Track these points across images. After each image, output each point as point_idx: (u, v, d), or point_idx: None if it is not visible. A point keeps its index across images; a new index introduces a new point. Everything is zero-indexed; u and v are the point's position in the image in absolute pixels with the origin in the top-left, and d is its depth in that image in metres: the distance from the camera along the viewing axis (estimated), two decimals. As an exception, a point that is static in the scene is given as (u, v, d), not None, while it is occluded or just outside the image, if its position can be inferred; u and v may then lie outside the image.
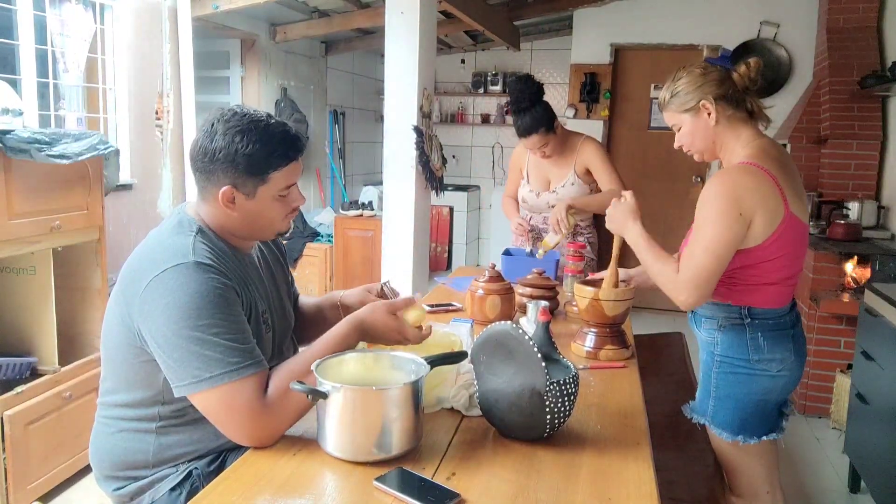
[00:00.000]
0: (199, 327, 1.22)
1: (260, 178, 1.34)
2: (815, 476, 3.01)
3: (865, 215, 3.85)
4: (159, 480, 1.38)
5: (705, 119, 1.68)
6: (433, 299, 2.41)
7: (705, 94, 1.67)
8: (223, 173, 1.33)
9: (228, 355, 1.22)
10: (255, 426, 1.23)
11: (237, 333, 1.25)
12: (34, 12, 2.94)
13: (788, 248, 1.63)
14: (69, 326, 2.67)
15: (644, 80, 5.53)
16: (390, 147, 3.67)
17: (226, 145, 1.31)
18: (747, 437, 1.71)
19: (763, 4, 5.02)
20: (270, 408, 1.24)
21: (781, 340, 1.69)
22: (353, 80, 6.40)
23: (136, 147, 3.59)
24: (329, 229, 5.32)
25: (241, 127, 1.32)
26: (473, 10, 4.43)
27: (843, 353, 3.52)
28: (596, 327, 1.86)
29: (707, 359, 1.77)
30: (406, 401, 1.21)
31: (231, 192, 1.34)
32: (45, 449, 2.46)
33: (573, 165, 2.79)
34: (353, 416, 1.19)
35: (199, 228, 1.37)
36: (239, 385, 1.22)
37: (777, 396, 1.74)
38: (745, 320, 1.68)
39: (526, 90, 2.65)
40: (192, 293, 1.23)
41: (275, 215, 1.40)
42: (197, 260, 1.27)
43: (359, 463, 1.20)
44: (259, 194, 1.35)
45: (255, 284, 1.45)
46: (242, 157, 1.31)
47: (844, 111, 4.10)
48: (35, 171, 2.36)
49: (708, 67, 1.71)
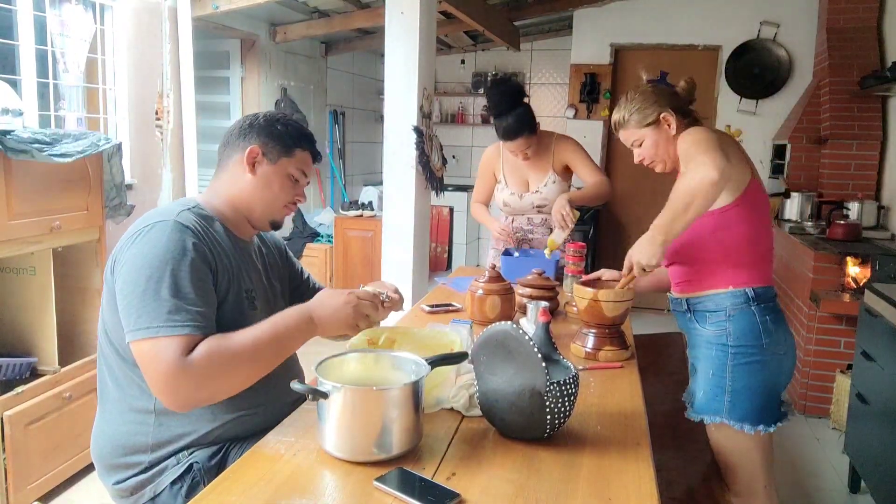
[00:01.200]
0: (155, 279, 1.27)
1: (287, 149, 1.49)
2: (815, 476, 3.01)
3: (865, 215, 3.85)
4: (160, 474, 1.39)
5: (666, 130, 1.81)
6: (433, 299, 2.41)
7: (663, 106, 1.80)
8: (257, 136, 1.48)
9: (172, 311, 1.25)
10: (170, 384, 1.23)
11: (189, 294, 1.28)
12: (34, 12, 2.94)
13: (760, 209, 1.76)
14: (69, 326, 2.67)
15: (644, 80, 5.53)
16: (390, 147, 3.67)
17: (268, 117, 1.51)
18: (766, 425, 1.75)
19: (763, 4, 5.02)
20: (187, 370, 1.23)
21: (782, 322, 1.78)
22: (353, 80, 6.40)
23: (136, 147, 3.59)
24: (329, 229, 5.32)
25: (283, 114, 1.56)
26: (473, 10, 4.43)
27: (843, 354, 3.52)
28: (595, 328, 1.86)
29: (718, 354, 1.77)
30: (406, 401, 1.21)
31: (257, 152, 1.47)
32: (45, 449, 2.46)
33: (551, 164, 2.76)
34: (354, 416, 1.20)
35: (198, 205, 1.45)
36: (168, 342, 1.23)
37: (785, 380, 1.80)
38: (752, 304, 1.73)
39: (507, 92, 2.61)
40: (160, 247, 1.30)
41: (282, 192, 1.50)
42: (177, 220, 1.34)
43: (359, 463, 1.20)
44: (280, 162, 1.48)
45: (245, 266, 1.49)
46: (281, 127, 1.49)
47: (844, 111, 4.11)
48: (35, 171, 2.36)
49: (657, 87, 1.85)
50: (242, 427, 1.44)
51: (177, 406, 1.27)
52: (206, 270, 1.34)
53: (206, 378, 1.25)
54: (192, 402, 1.29)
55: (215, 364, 1.25)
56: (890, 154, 4.03)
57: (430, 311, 2.24)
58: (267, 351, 1.31)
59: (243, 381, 1.32)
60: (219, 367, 1.25)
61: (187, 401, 1.27)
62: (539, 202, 2.80)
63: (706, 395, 1.80)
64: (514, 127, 2.60)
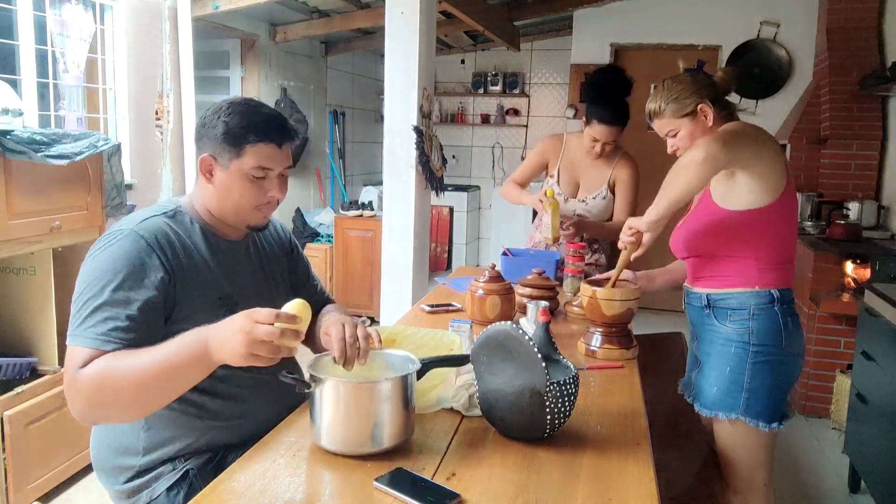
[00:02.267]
0: (90, 288, 1.26)
1: (234, 149, 1.34)
2: (815, 476, 3.01)
3: (865, 215, 3.85)
4: (155, 479, 1.38)
5: (703, 121, 1.78)
6: (433, 299, 2.41)
7: (702, 97, 1.77)
8: (207, 140, 1.36)
9: (86, 322, 1.23)
10: (68, 393, 1.23)
11: (115, 308, 1.24)
12: (34, 12, 2.94)
13: (793, 211, 1.78)
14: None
15: (644, 80, 5.44)
16: (390, 147, 3.67)
17: (212, 113, 1.36)
18: (779, 423, 1.76)
19: (763, 4, 5.02)
20: (76, 383, 1.20)
21: (798, 323, 1.80)
22: (353, 80, 6.40)
23: (136, 147, 3.59)
24: (329, 229, 5.32)
25: (234, 100, 1.38)
26: (473, 10, 4.43)
27: (843, 354, 3.52)
28: (601, 326, 1.87)
29: (738, 351, 1.77)
30: (393, 395, 1.22)
31: (209, 161, 1.36)
32: (45, 449, 2.46)
33: (608, 178, 2.68)
34: (339, 409, 1.21)
35: (177, 210, 1.41)
36: (75, 351, 1.23)
37: (796, 379, 1.83)
38: (776, 304, 1.75)
39: (624, 80, 2.57)
40: (107, 257, 1.28)
41: (244, 197, 1.37)
42: (135, 230, 1.31)
43: (351, 457, 1.21)
44: (231, 166, 1.35)
45: (230, 271, 1.43)
46: (222, 124, 1.34)
47: (844, 111, 4.11)
48: (35, 171, 2.36)
49: (697, 75, 1.81)
50: (233, 435, 1.41)
51: (74, 416, 1.24)
52: (152, 283, 1.27)
53: (90, 396, 1.19)
54: (85, 417, 1.24)
55: (96, 384, 1.18)
56: (890, 154, 4.03)
57: (430, 311, 2.24)
58: (154, 381, 1.16)
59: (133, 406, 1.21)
60: (101, 386, 1.18)
61: (79, 415, 1.23)
62: (582, 211, 2.70)
63: (721, 391, 1.79)
64: (619, 114, 2.53)
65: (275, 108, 1.61)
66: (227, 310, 1.32)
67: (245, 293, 1.44)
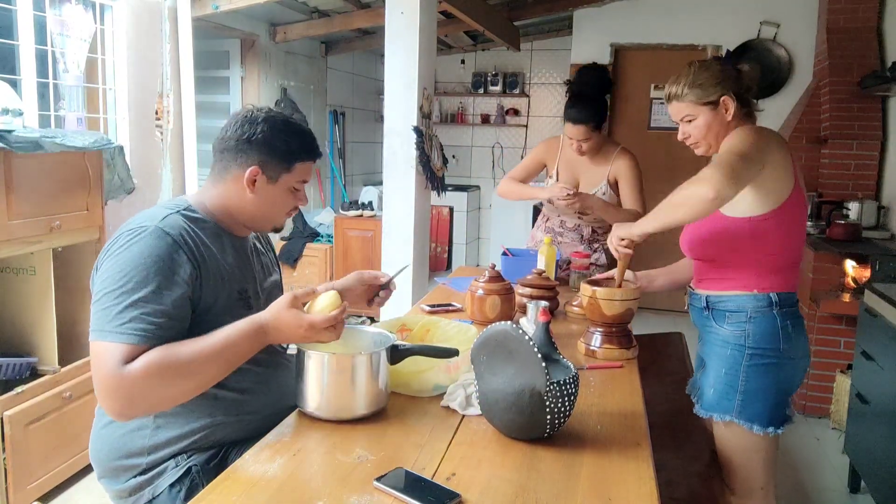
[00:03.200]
0: (120, 283, 1.25)
1: (286, 165, 1.44)
2: (815, 476, 3.01)
3: (865, 215, 3.85)
4: (158, 476, 1.39)
5: (723, 114, 1.73)
6: (433, 299, 2.41)
7: (727, 89, 1.72)
8: (256, 153, 1.42)
9: (123, 317, 1.23)
10: (106, 392, 1.21)
11: (150, 304, 1.25)
12: (34, 12, 2.94)
13: (799, 219, 1.73)
14: (69, 326, 2.66)
15: (644, 80, 5.53)
16: (390, 147, 3.67)
17: (267, 130, 1.42)
18: (776, 427, 1.74)
19: (763, 4, 5.02)
20: (123, 380, 1.19)
21: (801, 328, 1.77)
22: (353, 80, 6.40)
23: (136, 147, 3.59)
24: (329, 229, 5.32)
25: (282, 119, 1.46)
26: (473, 10, 4.43)
27: (843, 353, 3.52)
28: (601, 326, 1.87)
29: (734, 353, 1.76)
30: (362, 368, 1.37)
31: (256, 172, 1.42)
32: (45, 449, 2.46)
33: (606, 174, 2.71)
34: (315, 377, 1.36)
35: (187, 206, 1.42)
36: (113, 347, 1.21)
37: (797, 384, 1.80)
38: (774, 308, 1.72)
39: (599, 78, 2.60)
40: (136, 252, 1.28)
41: (283, 206, 1.49)
42: (160, 227, 1.32)
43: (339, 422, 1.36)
44: (281, 180, 1.45)
45: (242, 267, 1.48)
46: (281, 142, 1.43)
47: (844, 111, 4.11)
48: (35, 171, 2.36)
49: (726, 66, 1.75)
50: (240, 431, 1.44)
51: (113, 414, 1.24)
52: (181, 281, 1.30)
53: (140, 391, 1.21)
54: (129, 412, 1.25)
55: (154, 377, 1.21)
56: (890, 154, 4.03)
57: (430, 310, 2.24)
58: (213, 364, 1.28)
59: (187, 392, 1.28)
60: (158, 379, 1.21)
61: (123, 410, 1.23)
62: (583, 209, 2.74)
63: (717, 394, 1.79)
64: (585, 114, 2.56)
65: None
66: (244, 304, 1.43)
67: (255, 288, 1.52)
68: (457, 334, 1.71)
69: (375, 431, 1.34)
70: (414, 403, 1.48)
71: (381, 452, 1.25)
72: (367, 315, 4.94)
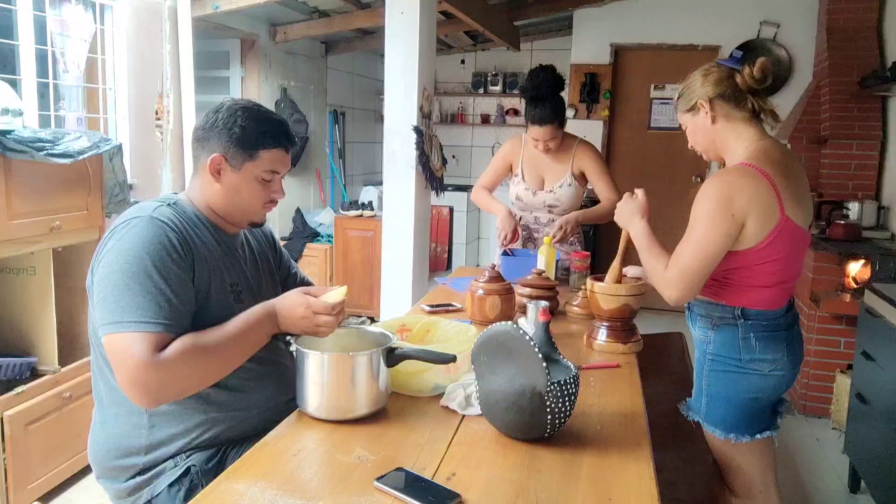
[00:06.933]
0: (129, 274, 1.27)
1: (249, 152, 1.42)
2: (815, 476, 3.01)
3: (865, 215, 3.85)
4: (157, 476, 1.39)
5: (703, 118, 1.72)
6: (433, 299, 2.41)
7: (701, 94, 1.72)
8: (217, 141, 1.41)
9: (145, 307, 1.25)
10: (139, 380, 1.23)
11: (163, 290, 1.27)
12: (34, 12, 2.94)
13: (784, 253, 1.63)
14: (69, 326, 2.66)
15: (644, 80, 5.53)
16: (390, 147, 3.67)
17: (226, 117, 1.42)
18: (739, 434, 1.72)
19: (763, 4, 5.03)
20: (159, 367, 1.23)
21: (774, 341, 1.69)
22: (353, 80, 6.39)
23: (136, 147, 3.59)
24: (329, 229, 5.32)
25: (243, 104, 1.45)
26: (473, 10, 4.43)
27: (843, 353, 3.52)
28: (606, 321, 1.90)
29: (700, 356, 1.79)
30: (361, 368, 1.36)
31: (220, 161, 1.41)
32: (45, 449, 2.46)
33: (570, 166, 2.79)
34: (313, 376, 1.36)
35: (176, 201, 1.44)
36: (140, 337, 1.23)
37: (769, 395, 1.74)
38: (739, 321, 1.69)
39: (551, 79, 2.64)
40: (135, 242, 1.30)
41: (253, 198, 1.46)
42: (152, 216, 1.34)
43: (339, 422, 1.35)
44: (244, 168, 1.43)
45: (229, 260, 1.48)
46: (238, 128, 1.40)
47: (844, 111, 4.11)
48: (35, 171, 2.36)
49: (711, 68, 1.75)
50: (237, 429, 1.44)
51: (144, 402, 1.28)
52: (183, 266, 1.33)
53: (177, 376, 1.26)
54: (161, 399, 1.30)
55: (189, 363, 1.26)
56: (890, 154, 4.03)
57: (430, 311, 2.24)
58: (236, 349, 1.35)
59: (212, 378, 1.35)
60: (192, 365, 1.27)
61: (157, 397, 1.28)
62: (552, 202, 2.82)
63: (694, 393, 1.83)
64: (549, 113, 2.62)
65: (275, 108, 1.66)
66: (236, 298, 1.44)
67: (246, 284, 1.51)
68: (457, 334, 1.71)
69: (375, 431, 1.34)
70: (414, 403, 1.48)
71: (381, 453, 1.25)
72: (368, 315, 4.94)
